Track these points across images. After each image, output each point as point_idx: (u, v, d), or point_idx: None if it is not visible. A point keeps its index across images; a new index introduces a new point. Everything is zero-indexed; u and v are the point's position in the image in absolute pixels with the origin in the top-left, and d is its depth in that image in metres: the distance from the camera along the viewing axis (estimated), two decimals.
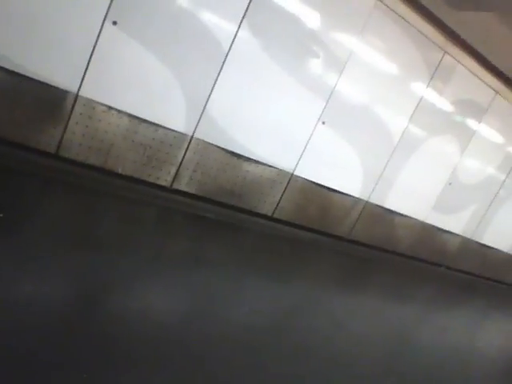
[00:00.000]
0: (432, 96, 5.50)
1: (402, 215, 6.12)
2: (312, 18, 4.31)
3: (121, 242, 3.09)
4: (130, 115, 3.83)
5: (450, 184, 6.33)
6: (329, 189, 5.29)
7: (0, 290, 2.03)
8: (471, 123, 6.08)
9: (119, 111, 3.77)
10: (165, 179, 4.21)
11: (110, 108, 3.73)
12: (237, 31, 3.99)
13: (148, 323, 2.31)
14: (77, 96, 3.56)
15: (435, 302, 5.63)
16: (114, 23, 3.49)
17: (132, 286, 2.61)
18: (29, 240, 2.52)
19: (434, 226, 6.58)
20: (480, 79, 5.76)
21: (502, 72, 5.82)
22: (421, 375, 3.14)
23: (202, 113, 4.14)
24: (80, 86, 3.56)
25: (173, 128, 4.06)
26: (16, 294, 2.06)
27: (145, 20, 3.60)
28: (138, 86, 3.78)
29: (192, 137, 4.18)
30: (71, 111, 3.59)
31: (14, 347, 1.76)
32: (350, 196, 5.51)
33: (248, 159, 4.58)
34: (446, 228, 6.79)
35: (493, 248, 7.65)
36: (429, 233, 6.58)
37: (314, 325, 3.26)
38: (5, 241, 2.42)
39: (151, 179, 4.13)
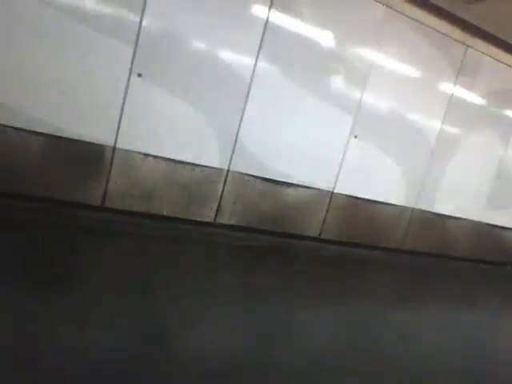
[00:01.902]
0: (462, 92, 5.38)
1: (453, 217, 5.89)
2: (326, 38, 4.38)
3: (174, 282, 3.13)
4: (166, 159, 3.97)
5: (498, 178, 6.07)
6: (373, 201, 5.20)
7: (69, 339, 2.09)
8: (509, 112, 5.88)
9: (155, 157, 3.92)
10: (208, 215, 4.29)
11: (147, 155, 3.89)
12: (255, 63, 4.11)
13: (209, 355, 2.31)
14: (114, 148, 3.75)
15: (507, 305, 5.29)
16: (139, 75, 3.69)
17: (192, 325, 2.62)
18: (89, 290, 2.61)
19: (489, 224, 6.28)
20: (508, 65, 5.60)
21: None
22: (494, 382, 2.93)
23: (235, 146, 4.24)
24: (116, 139, 3.74)
25: (208, 165, 4.16)
26: (83, 342, 2.12)
27: (167, 68, 3.79)
28: (170, 130, 3.93)
29: (228, 170, 4.27)
30: (111, 163, 3.76)
31: None
32: (396, 205, 5.38)
33: (286, 184, 4.60)
34: (503, 224, 6.46)
35: None
36: (485, 232, 6.27)
37: (384, 343, 3.14)
38: (66, 293, 2.51)
39: (195, 217, 4.22)
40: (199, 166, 4.13)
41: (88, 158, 3.67)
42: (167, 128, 3.94)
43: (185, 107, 3.94)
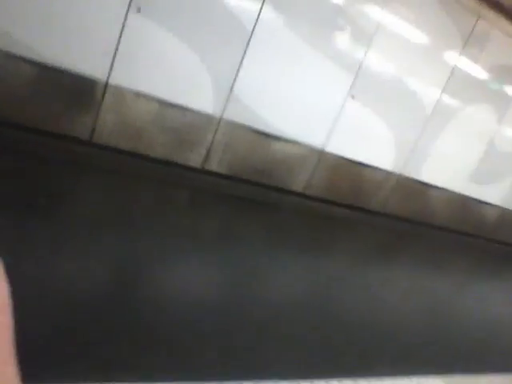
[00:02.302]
0: (466, 64, 5.29)
1: (437, 187, 5.99)
2: None
3: (156, 223, 3.21)
4: (158, 100, 3.91)
5: (486, 153, 6.12)
6: (361, 163, 5.24)
7: (45, 269, 2.17)
8: (508, 89, 5.83)
9: (148, 97, 3.86)
10: (196, 161, 4.30)
11: (139, 94, 3.83)
12: (260, 10, 3.96)
13: (187, 299, 2.42)
14: (106, 84, 3.67)
15: (473, 274, 5.53)
16: (138, 10, 3.55)
17: (169, 264, 2.72)
18: (68, 224, 2.67)
19: (471, 198, 6.41)
20: None
21: None
22: (456, 343, 3.13)
23: (230, 94, 4.18)
24: (109, 75, 3.66)
25: (201, 110, 4.12)
26: (59, 272, 2.20)
27: (168, 5, 3.65)
28: (165, 70, 3.85)
29: (220, 118, 4.23)
30: (102, 99, 3.71)
31: (60, 320, 1.90)
32: (383, 170, 5.44)
33: (277, 137, 4.59)
34: (484, 199, 6.60)
35: None
36: (466, 204, 6.42)
37: (349, 298, 3.31)
38: (46, 225, 2.57)
39: (183, 161, 4.23)
40: (192, 110, 4.09)
41: (79, 91, 3.61)
42: (163, 68, 3.85)
43: (183, 48, 3.83)
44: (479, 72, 5.46)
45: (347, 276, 3.80)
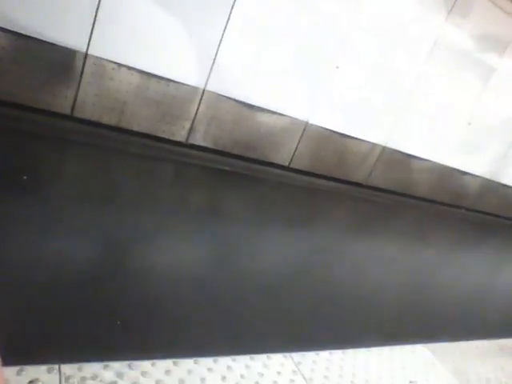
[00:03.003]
0: (450, 32, 5.25)
1: (420, 159, 6.04)
2: None
3: (141, 198, 3.16)
4: (140, 71, 3.79)
5: (469, 124, 6.17)
6: (345, 135, 5.23)
7: (29, 247, 2.13)
8: (492, 59, 5.82)
9: (129, 68, 3.74)
10: (180, 134, 4.22)
11: (120, 65, 3.70)
12: None
13: (174, 273, 2.41)
14: (86, 55, 3.54)
15: (455, 244, 5.66)
16: None
17: (156, 239, 2.69)
18: (52, 200, 2.61)
19: (453, 169, 6.49)
20: (503, 10, 5.45)
21: None
22: (440, 312, 3.22)
23: (213, 64, 4.07)
24: (88, 45, 3.52)
25: (184, 82, 4.02)
26: (43, 250, 2.16)
27: None
28: (147, 40, 3.72)
29: (204, 90, 4.14)
30: (82, 71, 3.57)
31: (48, 298, 1.87)
32: (367, 142, 5.44)
33: (262, 109, 4.53)
34: (466, 170, 6.69)
35: None
36: (448, 175, 6.50)
37: (333, 270, 3.35)
38: (29, 202, 2.51)
39: (166, 135, 4.15)
40: (174, 82, 3.98)
41: (58, 62, 3.46)
42: (144, 38, 3.71)
43: (165, 17, 3.69)
44: (463, 41, 5.43)
45: (332, 248, 3.84)
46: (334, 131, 5.11)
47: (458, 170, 6.58)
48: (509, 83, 6.22)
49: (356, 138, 5.32)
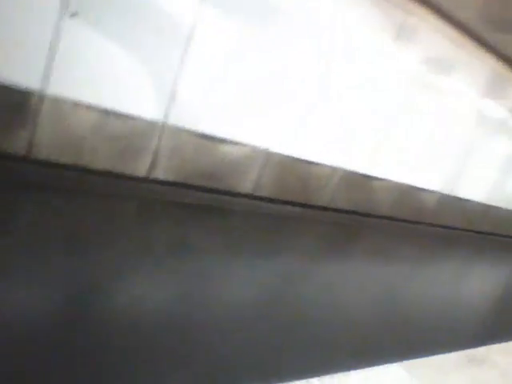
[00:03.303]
0: (400, 57, 5.53)
1: (379, 179, 6.22)
2: None
3: (105, 239, 3.09)
4: (98, 108, 3.76)
5: (423, 143, 6.44)
6: (306, 161, 5.34)
7: None
8: (440, 80, 6.16)
9: (87, 106, 3.71)
10: (142, 169, 4.19)
11: (77, 103, 3.66)
12: (197, 8, 3.91)
13: (145, 313, 2.35)
14: (42, 94, 3.49)
15: (417, 259, 5.81)
16: (73, 15, 3.40)
17: (124, 281, 2.63)
18: (9, 247, 2.51)
19: (411, 186, 6.72)
20: (443, 35, 5.81)
21: (463, 24, 5.85)
22: (411, 328, 3.27)
23: (171, 98, 4.10)
24: (44, 84, 3.47)
25: (143, 117, 4.01)
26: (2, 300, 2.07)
27: (104, 9, 3.51)
28: (104, 78, 3.71)
29: (164, 123, 4.15)
30: (38, 111, 3.51)
31: (14, 349, 1.78)
32: (328, 166, 5.57)
33: (223, 140, 4.57)
34: (424, 186, 6.94)
35: (469, 200, 7.88)
36: (407, 193, 6.72)
37: (303, 296, 3.36)
38: None
39: (128, 171, 4.10)
40: (134, 117, 3.97)
41: (12, 103, 3.39)
42: (101, 75, 3.70)
43: (121, 53, 3.70)
44: (412, 64, 5.72)
45: (300, 274, 3.86)
46: (295, 157, 5.21)
47: (416, 187, 6.82)
48: (457, 102, 6.58)
49: (317, 163, 5.44)
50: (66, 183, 3.62)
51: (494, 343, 3.17)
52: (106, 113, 3.81)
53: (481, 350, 2.99)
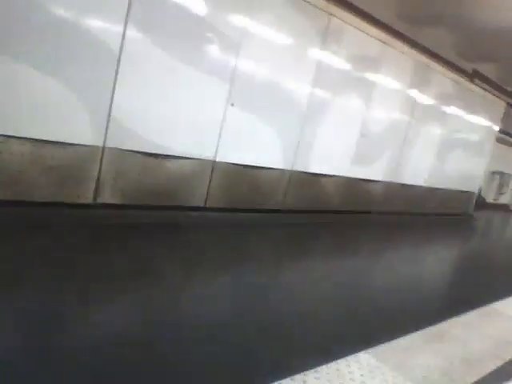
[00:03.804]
0: (328, 58, 5.72)
1: (326, 175, 6.39)
2: (197, 5, 4.29)
3: (55, 273, 2.96)
4: (32, 140, 3.62)
5: (362, 137, 6.68)
6: (253, 167, 5.39)
7: None
8: (368, 76, 6.43)
9: (19, 138, 3.56)
10: (86, 196, 4.06)
11: (9, 137, 3.51)
12: (124, 31, 3.88)
13: (106, 342, 2.27)
14: None
15: (372, 246, 5.99)
16: None
17: (82, 313, 2.53)
18: None
19: (357, 179, 6.95)
20: (367, 34, 6.08)
21: (384, 23, 6.18)
22: (373, 315, 3.36)
23: (108, 121, 4.01)
24: None
25: (81, 143, 3.90)
26: None
27: (25, 39, 3.39)
28: (33, 108, 3.58)
29: (104, 147, 4.05)
30: None
31: None
32: (275, 169, 5.65)
33: (167, 156, 4.53)
34: (368, 177, 7.20)
35: (412, 185, 8.26)
36: (353, 185, 6.94)
37: (266, 301, 3.38)
38: None
39: (72, 199, 3.97)
40: (71, 144, 3.85)
41: None
42: (30, 106, 3.57)
43: (50, 82, 3.59)
44: (341, 64, 5.93)
45: (262, 277, 3.88)
46: (243, 164, 5.24)
47: (362, 179, 7.06)
48: (387, 93, 6.89)
49: (264, 167, 5.51)
50: (7, 220, 3.44)
51: (453, 317, 3.32)
52: (42, 143, 3.67)
53: (442, 326, 3.13)
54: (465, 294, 4.55)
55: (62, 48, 3.59)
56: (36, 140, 3.64)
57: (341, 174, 6.64)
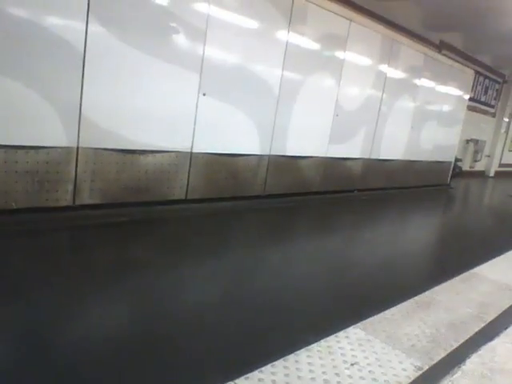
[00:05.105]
0: (296, 39, 5.71)
1: (304, 157, 6.43)
2: None
3: (42, 280, 2.93)
4: (2, 146, 3.55)
5: (337, 116, 6.72)
6: (231, 155, 5.39)
7: None
8: (338, 54, 6.45)
9: None
10: (64, 198, 4.02)
11: None
12: (86, 28, 3.80)
13: (104, 339, 2.28)
14: None
15: (355, 224, 6.09)
16: None
17: (72, 316, 2.52)
18: None
19: (335, 158, 7.00)
20: (332, 12, 6.08)
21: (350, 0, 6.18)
22: (359, 290, 3.44)
23: (80, 120, 3.95)
24: None
25: (54, 145, 3.84)
26: None
27: None
28: (0, 113, 3.50)
29: (78, 148, 4.00)
30: None
31: None
32: (253, 155, 5.66)
33: (143, 151, 4.49)
34: (346, 156, 7.27)
35: (390, 160, 8.37)
36: (333, 165, 7.00)
37: (258, 281, 3.42)
38: None
39: (50, 203, 3.92)
40: (44, 147, 3.79)
41: None
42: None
43: (13, 86, 3.51)
44: (309, 44, 5.93)
45: (250, 261, 3.93)
46: (220, 153, 5.24)
47: (340, 158, 7.13)
48: (357, 71, 6.93)
49: (241, 154, 5.51)
50: None
51: (436, 284, 3.43)
52: (13, 149, 3.61)
53: (427, 294, 3.23)
54: (445, 261, 4.68)
55: (23, 49, 3.50)
56: (6, 146, 3.56)
57: (319, 155, 6.68)
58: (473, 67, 10.74)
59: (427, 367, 2.21)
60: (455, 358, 2.36)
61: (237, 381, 1.88)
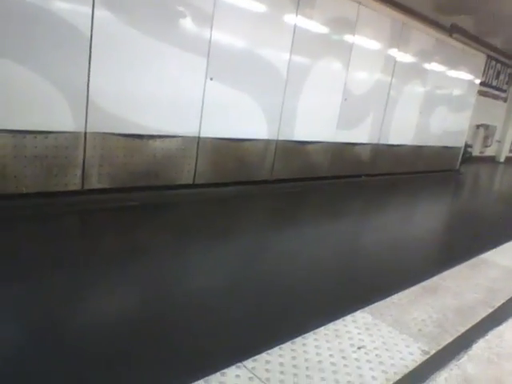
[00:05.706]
0: (304, 23, 5.63)
1: (312, 142, 6.39)
2: None
3: (54, 261, 2.97)
4: (11, 131, 3.57)
5: (345, 100, 6.66)
6: (239, 140, 5.37)
7: None
8: (347, 38, 6.35)
9: None
10: (74, 183, 4.04)
11: None
12: (92, 12, 3.77)
13: (112, 318, 2.31)
14: None
15: (363, 209, 6.08)
16: None
17: (87, 297, 2.56)
18: None
19: (343, 143, 6.96)
20: None
21: None
22: (368, 274, 3.45)
23: (87, 105, 3.95)
24: None
25: (62, 130, 3.85)
26: None
27: None
28: (9, 99, 3.51)
29: (86, 132, 4.00)
30: None
31: None
32: (260, 140, 5.64)
33: (151, 136, 4.49)
34: (355, 141, 7.22)
35: (398, 145, 8.30)
36: (341, 150, 6.96)
37: (263, 266, 3.44)
38: None
39: (59, 188, 3.95)
40: (52, 132, 3.80)
41: None
42: (6, 97, 3.50)
43: (23, 72, 3.51)
44: (317, 28, 5.84)
45: (258, 246, 3.95)
46: (228, 138, 5.22)
47: (349, 143, 7.08)
48: (367, 55, 6.83)
49: (249, 139, 5.49)
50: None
51: (444, 270, 3.42)
52: (22, 134, 3.62)
53: (435, 280, 3.22)
54: (454, 246, 4.66)
55: (31, 35, 3.49)
56: (15, 131, 3.58)
57: (327, 140, 6.64)
58: (484, 51, 10.54)
59: (434, 351, 2.22)
60: (462, 343, 2.36)
61: (245, 362, 1.90)
